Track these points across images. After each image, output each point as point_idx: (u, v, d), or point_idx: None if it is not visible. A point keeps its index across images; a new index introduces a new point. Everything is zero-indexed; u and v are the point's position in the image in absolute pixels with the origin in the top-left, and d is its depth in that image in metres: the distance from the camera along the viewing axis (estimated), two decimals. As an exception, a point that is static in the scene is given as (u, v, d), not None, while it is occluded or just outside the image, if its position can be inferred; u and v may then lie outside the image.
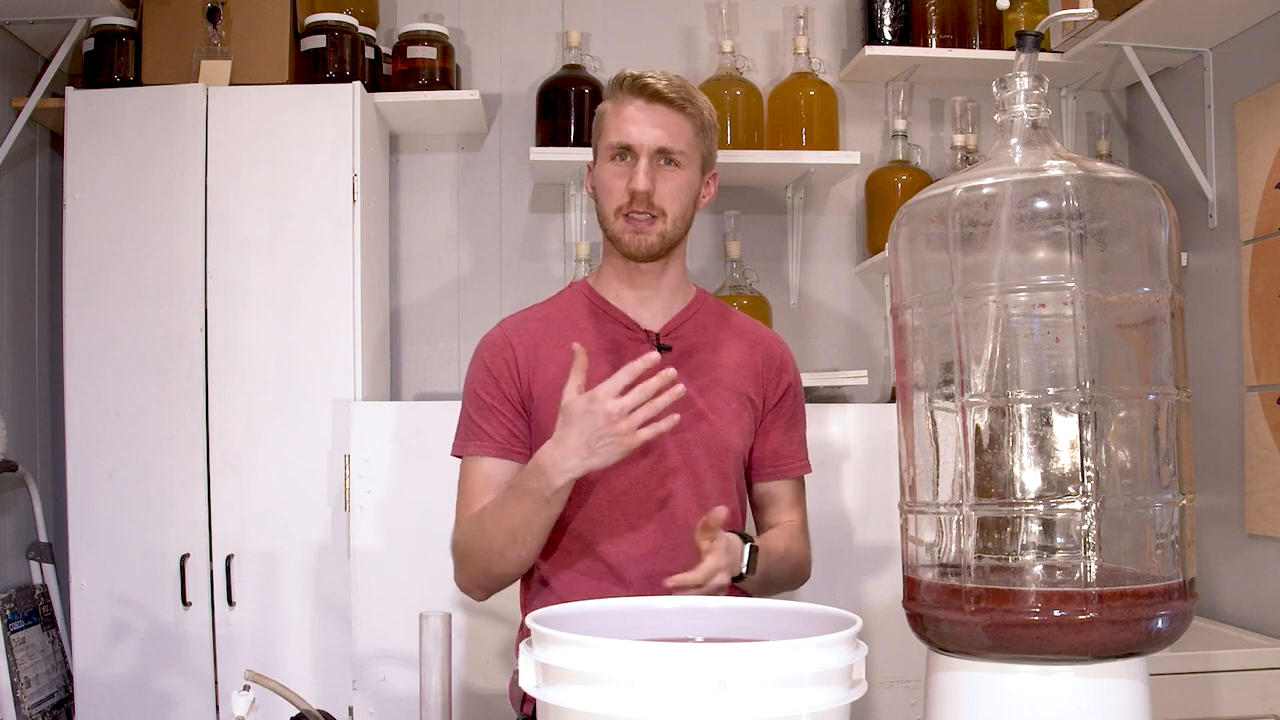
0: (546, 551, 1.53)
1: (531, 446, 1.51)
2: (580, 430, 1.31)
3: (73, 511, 2.17)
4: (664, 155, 1.49)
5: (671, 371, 1.31)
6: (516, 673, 1.57)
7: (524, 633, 1.60)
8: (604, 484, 1.49)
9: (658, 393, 1.30)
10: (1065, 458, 1.03)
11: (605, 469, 1.46)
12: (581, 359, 1.34)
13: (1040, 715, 0.99)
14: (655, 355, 1.31)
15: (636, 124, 1.49)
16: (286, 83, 2.28)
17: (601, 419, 1.30)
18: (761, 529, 1.64)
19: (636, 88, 1.50)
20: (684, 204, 1.51)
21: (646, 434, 1.31)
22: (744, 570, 1.40)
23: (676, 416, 1.32)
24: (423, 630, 1.16)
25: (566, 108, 2.43)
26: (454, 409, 1.59)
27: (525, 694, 1.06)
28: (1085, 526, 1.00)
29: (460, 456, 1.55)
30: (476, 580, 1.50)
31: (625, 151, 1.49)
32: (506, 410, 1.52)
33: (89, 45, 2.29)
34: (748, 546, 1.41)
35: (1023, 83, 1.09)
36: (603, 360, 1.52)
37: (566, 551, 1.51)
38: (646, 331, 1.54)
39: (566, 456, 1.33)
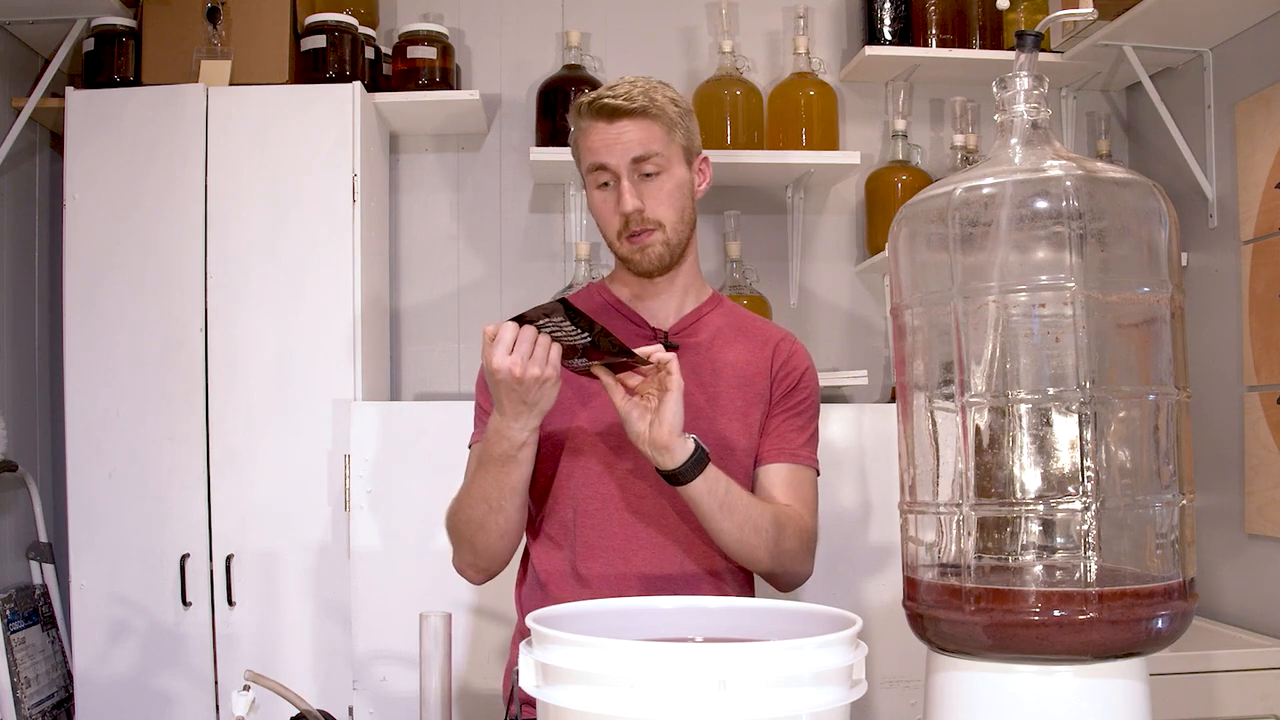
0: (538, 549, 1.53)
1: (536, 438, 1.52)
2: (499, 394, 1.31)
3: (73, 511, 2.17)
4: (641, 167, 1.46)
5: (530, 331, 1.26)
6: (513, 672, 1.58)
7: (520, 632, 1.60)
8: (597, 478, 1.49)
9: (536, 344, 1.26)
10: (1065, 458, 1.03)
11: (593, 467, 1.48)
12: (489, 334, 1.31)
13: (1040, 715, 0.99)
14: (528, 329, 1.26)
15: (606, 145, 1.46)
16: (286, 83, 2.28)
17: (500, 380, 1.28)
18: None
19: (595, 110, 1.47)
20: (679, 207, 1.50)
21: (536, 375, 1.26)
22: (688, 459, 1.33)
23: (553, 375, 1.27)
24: (423, 630, 1.16)
25: (566, 108, 2.43)
26: (453, 409, 1.62)
27: (513, 694, 1.06)
28: (1085, 526, 1.00)
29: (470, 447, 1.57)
30: (467, 559, 1.51)
31: (604, 174, 1.48)
32: None
33: (89, 45, 2.29)
34: (692, 439, 1.34)
35: (1023, 83, 1.09)
36: None
37: (557, 549, 1.51)
38: (654, 330, 1.54)
39: (503, 419, 1.34)
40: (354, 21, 2.31)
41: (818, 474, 1.58)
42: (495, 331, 1.27)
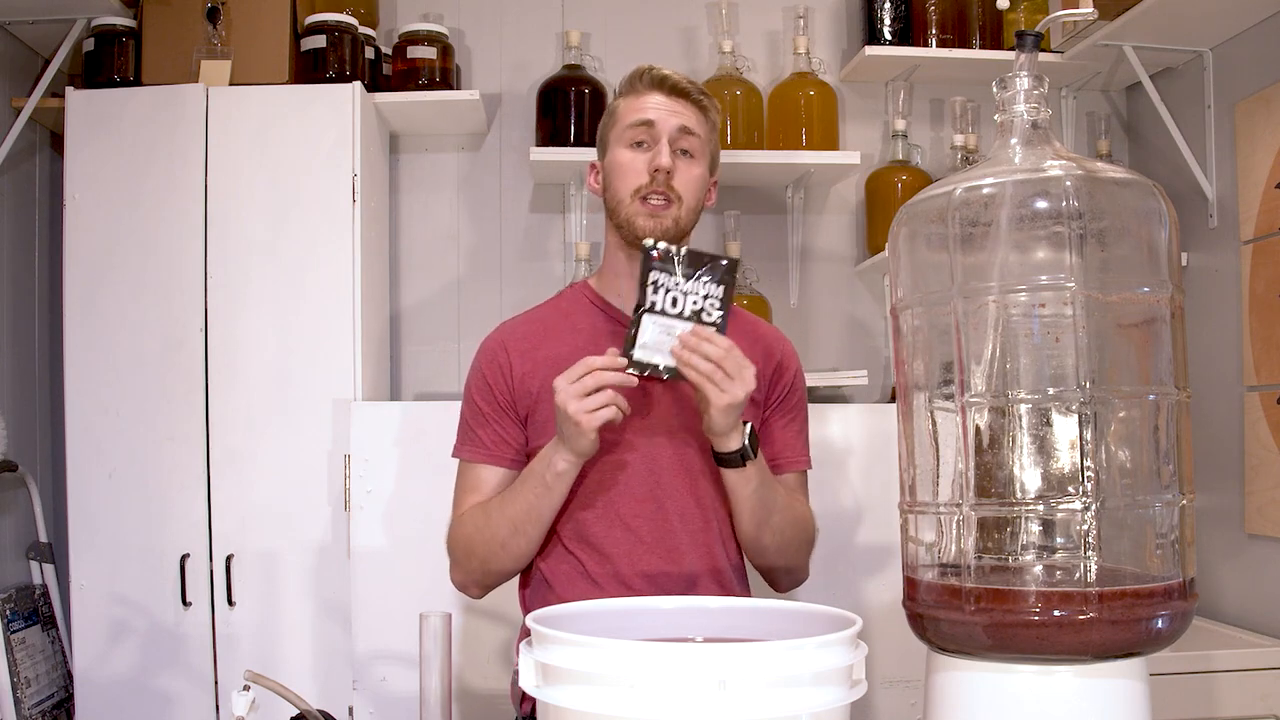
0: (544, 551, 1.53)
1: (530, 448, 1.52)
2: (557, 418, 1.35)
3: (73, 511, 2.17)
4: (683, 140, 1.51)
5: (622, 361, 1.32)
6: (517, 672, 1.58)
7: (525, 633, 1.60)
8: (598, 482, 1.48)
9: (607, 383, 1.32)
10: (1065, 458, 1.03)
11: (598, 468, 1.47)
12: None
13: (1040, 715, 0.99)
14: (621, 359, 1.32)
15: (657, 109, 1.51)
16: (286, 83, 2.28)
17: (560, 406, 1.33)
18: None
19: (657, 80, 1.52)
20: (697, 197, 1.54)
21: (603, 416, 1.32)
22: (745, 442, 1.39)
23: (617, 411, 1.33)
24: (423, 630, 1.16)
25: (566, 108, 2.43)
26: (454, 409, 1.60)
27: (525, 693, 1.07)
28: (1085, 526, 1.00)
29: (456, 459, 1.57)
30: (474, 576, 1.52)
31: (645, 133, 1.50)
32: (498, 417, 1.53)
33: (89, 45, 2.29)
34: (748, 426, 1.40)
35: (1023, 83, 1.09)
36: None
37: (563, 550, 1.51)
38: None
39: (555, 444, 1.39)
40: (354, 21, 2.31)
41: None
42: (602, 364, 1.32)
